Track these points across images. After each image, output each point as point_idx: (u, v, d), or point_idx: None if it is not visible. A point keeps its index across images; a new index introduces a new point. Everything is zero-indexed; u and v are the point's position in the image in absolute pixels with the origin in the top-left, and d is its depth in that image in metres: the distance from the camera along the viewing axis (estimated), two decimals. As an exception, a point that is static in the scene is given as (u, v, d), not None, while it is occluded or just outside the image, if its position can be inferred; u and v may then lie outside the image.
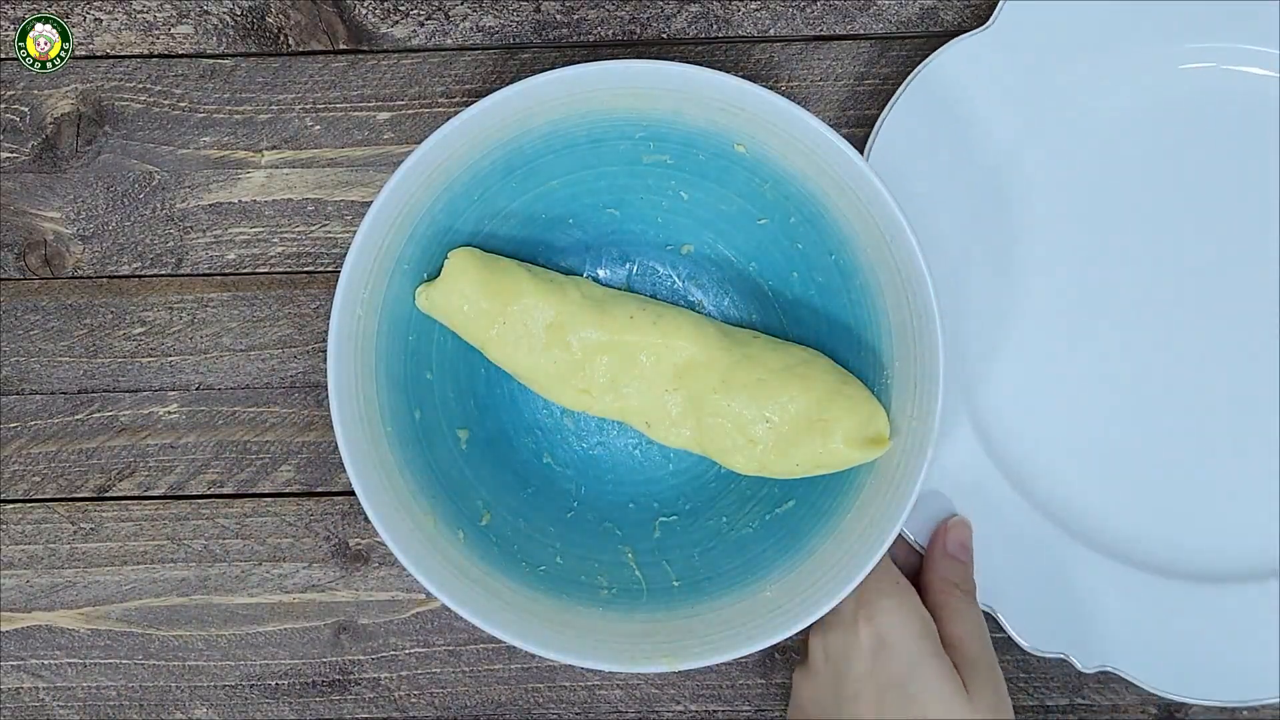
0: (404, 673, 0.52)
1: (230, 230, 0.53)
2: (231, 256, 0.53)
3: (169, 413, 0.52)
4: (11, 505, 0.52)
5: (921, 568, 0.49)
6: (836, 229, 0.46)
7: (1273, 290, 0.51)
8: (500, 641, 0.45)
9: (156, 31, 0.53)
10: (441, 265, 0.47)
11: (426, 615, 0.52)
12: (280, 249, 0.53)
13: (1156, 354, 0.51)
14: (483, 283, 0.46)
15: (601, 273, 0.51)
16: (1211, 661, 0.49)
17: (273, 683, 0.53)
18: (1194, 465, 0.51)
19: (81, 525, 0.52)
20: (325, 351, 0.44)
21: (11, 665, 0.52)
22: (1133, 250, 0.52)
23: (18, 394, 0.52)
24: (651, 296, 0.51)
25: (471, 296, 0.46)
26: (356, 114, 0.53)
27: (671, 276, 0.51)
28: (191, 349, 0.52)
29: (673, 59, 0.44)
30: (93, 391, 0.52)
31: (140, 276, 0.53)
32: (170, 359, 0.52)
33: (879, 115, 0.50)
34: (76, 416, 0.52)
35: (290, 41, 0.53)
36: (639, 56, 0.48)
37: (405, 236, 0.45)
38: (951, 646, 0.45)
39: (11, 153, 0.53)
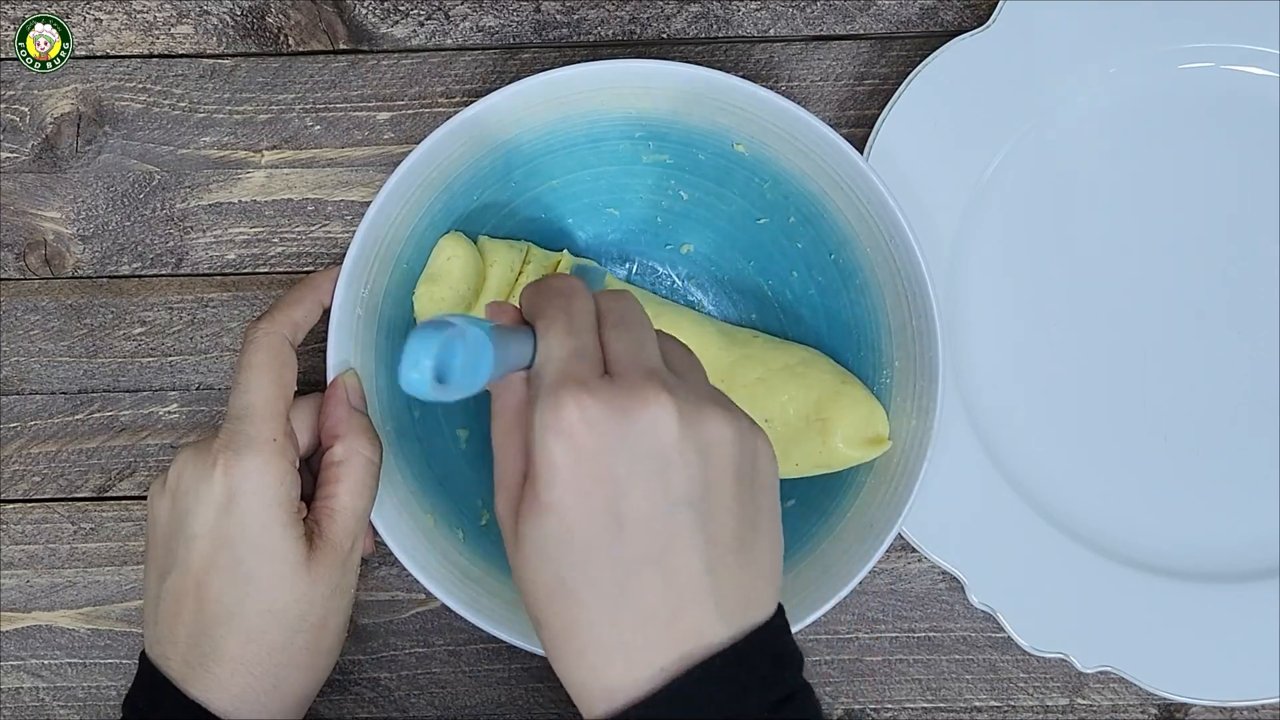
0: (404, 673, 0.52)
1: (230, 230, 0.52)
2: (231, 256, 0.53)
3: (169, 413, 0.52)
4: (11, 505, 0.52)
5: (322, 429, 0.43)
6: (836, 229, 0.46)
7: (1273, 290, 0.51)
8: (500, 641, 0.45)
9: (156, 31, 0.53)
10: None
11: (426, 615, 0.52)
12: (280, 249, 0.53)
13: (1157, 354, 0.51)
14: (473, 273, 0.46)
15: (601, 272, 0.51)
16: (1211, 661, 0.49)
17: (273, 683, 0.53)
18: (1194, 465, 0.51)
19: (81, 525, 0.52)
20: (325, 352, 0.44)
21: (11, 665, 0.52)
22: (1133, 250, 0.52)
23: (18, 394, 0.52)
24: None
25: (461, 288, 0.46)
26: (356, 114, 0.53)
27: (671, 276, 0.51)
28: (191, 349, 0.52)
29: (673, 59, 0.44)
30: (93, 391, 0.52)
31: (140, 276, 0.53)
32: (170, 359, 0.52)
33: (879, 115, 0.50)
34: (76, 416, 0.52)
35: (290, 41, 0.53)
36: (639, 56, 0.48)
37: (405, 236, 0.45)
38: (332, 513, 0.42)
39: (11, 153, 0.53)
